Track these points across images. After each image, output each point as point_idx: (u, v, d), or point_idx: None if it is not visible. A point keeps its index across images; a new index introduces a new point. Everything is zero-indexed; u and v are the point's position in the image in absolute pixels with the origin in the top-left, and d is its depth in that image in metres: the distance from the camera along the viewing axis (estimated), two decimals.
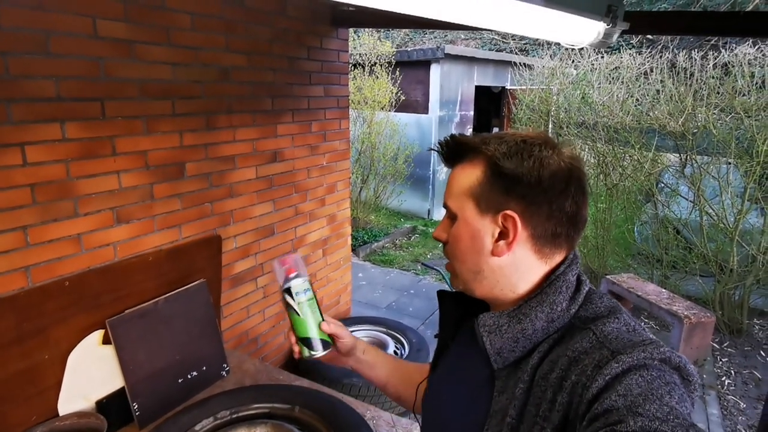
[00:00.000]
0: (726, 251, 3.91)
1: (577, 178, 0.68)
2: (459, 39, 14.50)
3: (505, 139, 0.69)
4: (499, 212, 0.68)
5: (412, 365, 1.04)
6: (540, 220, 0.67)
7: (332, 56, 2.96)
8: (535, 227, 0.67)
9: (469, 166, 0.71)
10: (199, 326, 1.96)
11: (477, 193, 0.69)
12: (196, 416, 1.60)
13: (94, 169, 1.77)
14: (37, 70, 1.56)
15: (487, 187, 0.69)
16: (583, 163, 0.70)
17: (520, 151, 0.67)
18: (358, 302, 4.53)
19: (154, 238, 2.03)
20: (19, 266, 1.57)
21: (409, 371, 1.01)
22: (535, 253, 0.69)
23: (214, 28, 2.15)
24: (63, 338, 1.57)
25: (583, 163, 0.70)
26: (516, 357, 0.68)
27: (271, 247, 2.71)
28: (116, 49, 1.78)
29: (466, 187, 0.71)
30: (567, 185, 0.66)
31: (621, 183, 4.57)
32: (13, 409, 1.45)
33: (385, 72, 6.55)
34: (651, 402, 0.53)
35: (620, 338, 0.61)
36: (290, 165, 2.75)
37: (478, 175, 0.69)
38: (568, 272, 0.70)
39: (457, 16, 1.00)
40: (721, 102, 3.96)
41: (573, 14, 0.94)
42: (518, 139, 0.68)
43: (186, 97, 2.08)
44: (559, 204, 0.66)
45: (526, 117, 5.93)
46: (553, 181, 0.66)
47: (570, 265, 0.70)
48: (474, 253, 0.71)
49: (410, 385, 0.97)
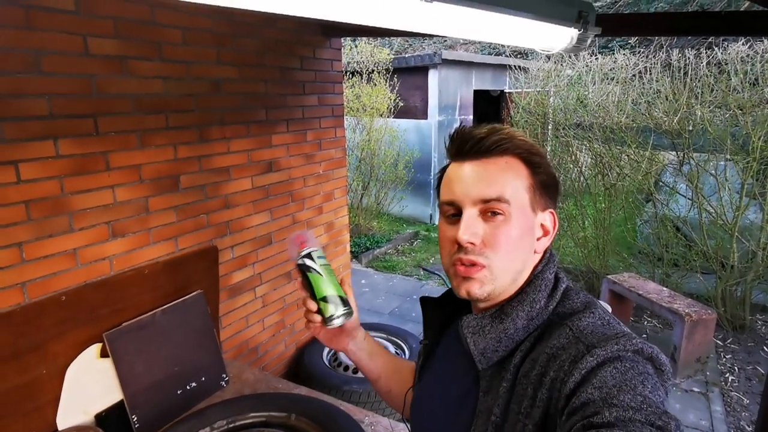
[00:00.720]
0: (726, 248, 3.90)
1: None
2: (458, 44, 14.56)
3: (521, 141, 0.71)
4: (546, 210, 0.73)
5: (406, 363, 1.03)
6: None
7: (326, 65, 2.98)
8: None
9: (506, 161, 0.70)
10: (197, 337, 1.98)
11: (532, 188, 0.71)
12: (193, 426, 1.61)
13: (89, 185, 1.79)
14: (28, 89, 1.59)
15: (537, 185, 0.71)
16: None
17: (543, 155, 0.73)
18: (362, 308, 4.50)
19: (150, 251, 2.05)
20: (15, 282, 1.60)
21: (403, 368, 1.00)
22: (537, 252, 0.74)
23: (204, 42, 2.18)
24: (61, 353, 1.59)
25: None
26: (500, 357, 0.69)
27: (268, 256, 2.73)
28: (108, 66, 1.81)
29: (521, 180, 0.70)
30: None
31: (619, 182, 4.57)
32: (11, 425, 1.47)
33: (383, 79, 6.59)
34: (625, 392, 0.54)
35: (595, 332, 0.63)
36: (286, 174, 2.77)
37: (526, 172, 0.71)
38: (546, 270, 0.73)
39: (433, 28, 1.02)
40: (715, 99, 3.97)
41: (545, 22, 0.96)
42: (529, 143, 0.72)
43: (179, 111, 2.10)
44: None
45: (523, 120, 5.94)
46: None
47: (548, 264, 0.74)
48: (523, 249, 0.71)
49: (402, 382, 0.97)
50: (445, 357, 0.83)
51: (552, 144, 5.55)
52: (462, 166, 0.71)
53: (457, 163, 0.72)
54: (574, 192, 5.06)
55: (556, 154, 5.45)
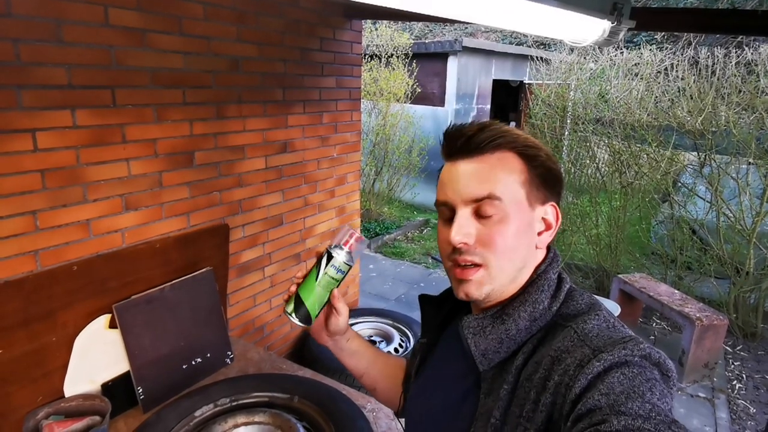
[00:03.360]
0: (742, 253, 3.82)
1: None
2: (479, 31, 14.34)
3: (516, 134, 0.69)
4: (546, 204, 0.70)
5: (392, 359, 1.03)
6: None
7: (345, 48, 2.94)
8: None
9: (501, 156, 0.68)
10: (204, 314, 1.99)
11: (527, 183, 0.68)
12: (197, 402, 1.63)
13: (104, 156, 1.80)
14: (48, 58, 1.58)
15: (534, 180, 0.68)
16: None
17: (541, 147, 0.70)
18: (368, 293, 4.55)
19: (161, 226, 2.06)
20: (28, 250, 1.61)
21: (389, 365, 1.00)
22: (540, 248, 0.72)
23: (225, 19, 2.16)
24: (70, 322, 1.61)
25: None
26: (501, 358, 0.68)
27: (279, 237, 2.73)
28: (128, 38, 1.80)
29: (515, 176, 0.67)
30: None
31: (636, 181, 4.49)
32: (19, 390, 1.49)
33: (402, 64, 6.51)
34: (633, 400, 0.53)
35: (601, 335, 0.61)
36: (300, 156, 2.76)
37: (521, 167, 0.68)
38: (549, 270, 0.70)
39: (464, 15, 0.99)
40: (742, 101, 3.86)
41: (578, 12, 0.92)
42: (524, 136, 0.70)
43: (197, 87, 2.09)
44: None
45: (542, 112, 5.85)
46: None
47: (551, 263, 0.71)
48: (523, 246, 0.69)
49: (387, 377, 0.98)
50: (444, 357, 0.82)
51: (570, 138, 5.47)
52: (454, 165, 0.70)
53: (450, 163, 0.71)
54: (589, 188, 4.99)
55: (573, 148, 5.37)
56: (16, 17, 1.49)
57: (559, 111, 5.66)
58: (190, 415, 1.58)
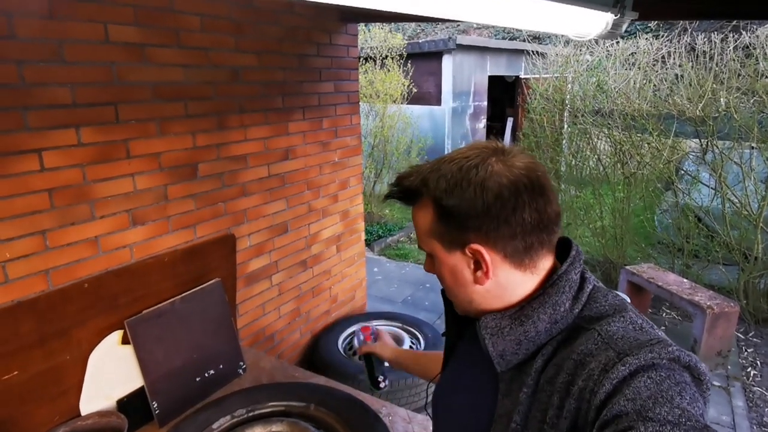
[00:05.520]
0: (750, 239, 3.81)
1: (527, 186, 0.64)
2: (471, 28, 14.36)
3: (443, 171, 0.66)
4: (465, 246, 0.67)
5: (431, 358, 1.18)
6: (505, 241, 0.65)
7: (341, 52, 2.95)
8: (504, 248, 0.66)
9: (421, 207, 0.71)
10: (215, 325, 1.99)
11: (437, 233, 0.69)
12: (214, 415, 1.63)
13: (110, 173, 1.80)
14: (52, 78, 1.59)
15: (442, 227, 0.68)
16: (534, 164, 0.66)
17: (459, 182, 0.64)
18: (375, 297, 4.54)
19: (169, 239, 2.06)
20: (39, 270, 1.61)
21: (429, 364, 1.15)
22: (517, 269, 0.68)
23: (223, 29, 2.16)
24: (84, 339, 1.61)
25: (534, 164, 0.66)
26: (519, 359, 0.67)
27: (285, 244, 2.73)
28: (128, 53, 1.81)
29: (426, 229, 0.71)
30: (517, 198, 0.63)
31: (639, 171, 4.49)
32: (37, 408, 1.49)
33: (397, 65, 6.52)
34: (661, 405, 0.51)
35: (626, 338, 0.59)
36: (302, 162, 2.76)
37: (431, 216, 0.69)
38: (570, 270, 0.68)
39: (462, 14, 0.99)
40: (742, 85, 3.85)
41: (579, 6, 0.92)
42: (454, 167, 0.66)
43: (198, 99, 2.10)
44: (518, 219, 0.64)
45: (540, 106, 5.85)
46: (501, 201, 0.63)
47: (573, 263, 0.68)
48: (460, 286, 0.71)
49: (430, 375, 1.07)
50: (466, 353, 0.82)
51: (570, 131, 5.47)
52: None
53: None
54: (592, 181, 4.99)
55: (573, 141, 5.36)
56: (19, 39, 1.49)
57: (558, 104, 5.66)
58: (207, 428, 1.58)
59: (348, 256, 3.32)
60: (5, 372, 1.39)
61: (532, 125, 5.81)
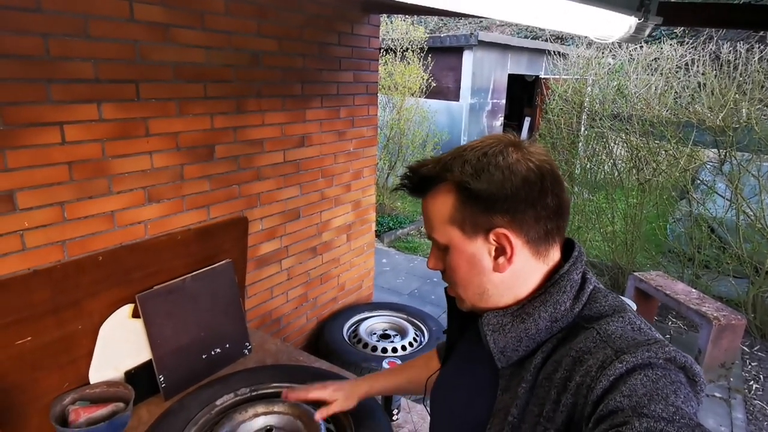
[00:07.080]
0: (762, 252, 3.77)
1: (550, 172, 0.67)
2: (494, 25, 14.23)
3: (466, 157, 0.67)
4: (490, 232, 0.67)
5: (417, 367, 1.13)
6: (530, 225, 0.67)
7: (363, 42, 2.95)
8: (528, 233, 0.67)
9: (439, 195, 0.70)
10: (223, 305, 2.02)
11: (458, 219, 0.69)
12: (218, 391, 1.66)
13: (128, 149, 1.83)
14: (76, 52, 1.61)
15: (467, 211, 0.68)
16: (549, 155, 0.69)
17: (485, 166, 0.66)
18: (381, 288, 4.57)
19: (183, 218, 2.09)
20: (56, 240, 1.65)
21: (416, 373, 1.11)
22: (533, 256, 0.69)
23: (246, 14, 2.18)
24: (95, 311, 1.65)
25: (549, 155, 0.69)
26: (519, 356, 0.68)
27: (296, 230, 2.76)
28: (152, 33, 1.83)
29: (446, 217, 0.70)
30: (542, 183, 0.66)
31: (654, 178, 4.44)
32: (47, 375, 1.54)
33: (417, 58, 6.50)
34: (656, 402, 0.52)
35: (624, 337, 0.61)
36: (317, 150, 2.78)
37: (453, 202, 0.69)
38: (572, 271, 0.69)
39: (486, 10, 0.99)
40: (765, 97, 3.79)
41: (603, 8, 0.91)
42: (479, 153, 0.67)
43: (218, 81, 2.12)
44: (542, 203, 0.66)
45: (558, 107, 5.80)
46: (528, 184, 0.65)
47: (575, 264, 0.70)
48: (476, 276, 0.71)
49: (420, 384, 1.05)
50: (467, 350, 0.83)
51: (586, 134, 5.42)
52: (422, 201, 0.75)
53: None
54: (605, 185, 4.95)
55: (589, 144, 5.32)
56: (45, 12, 1.52)
57: (576, 107, 5.61)
58: (211, 403, 1.61)
59: (357, 245, 3.34)
60: (19, 337, 1.43)
61: (549, 126, 5.77)
